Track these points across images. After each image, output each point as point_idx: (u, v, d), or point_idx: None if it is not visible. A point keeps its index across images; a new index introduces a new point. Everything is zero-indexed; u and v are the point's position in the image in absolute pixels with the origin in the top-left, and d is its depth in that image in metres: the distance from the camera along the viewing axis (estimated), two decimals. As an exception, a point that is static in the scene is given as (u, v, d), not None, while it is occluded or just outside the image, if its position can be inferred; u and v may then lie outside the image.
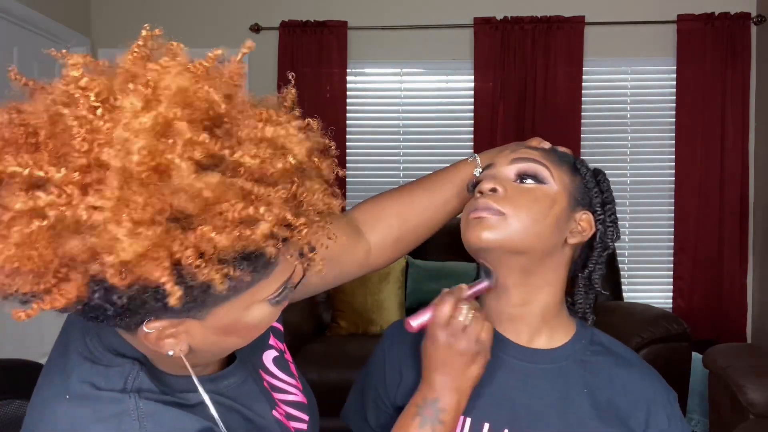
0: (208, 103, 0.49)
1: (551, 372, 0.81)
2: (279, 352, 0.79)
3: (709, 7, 3.52)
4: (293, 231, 0.52)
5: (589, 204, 0.83)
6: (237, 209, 0.47)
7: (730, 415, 2.12)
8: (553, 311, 0.83)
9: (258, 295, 0.57)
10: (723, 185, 3.53)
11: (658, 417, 0.79)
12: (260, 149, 0.50)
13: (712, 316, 3.55)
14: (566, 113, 3.58)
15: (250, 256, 0.51)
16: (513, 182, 0.80)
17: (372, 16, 3.67)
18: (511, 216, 0.76)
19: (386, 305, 3.07)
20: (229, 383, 0.68)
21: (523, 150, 0.83)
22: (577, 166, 0.84)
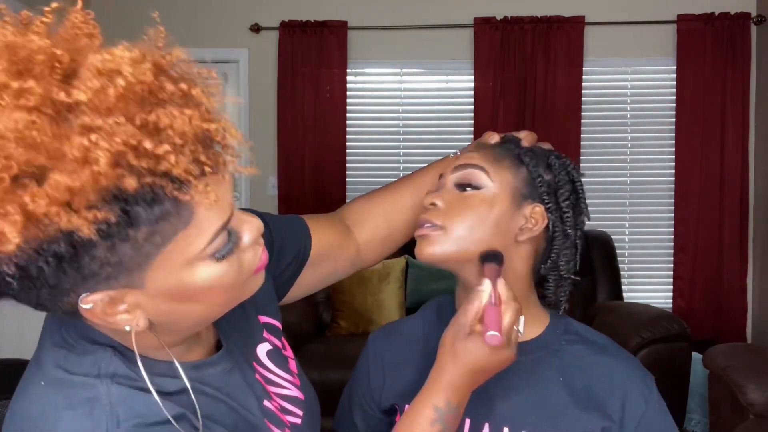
0: (44, 55, 0.48)
1: (526, 364, 0.80)
2: (274, 347, 0.79)
3: (709, 7, 3.52)
4: (158, 160, 0.49)
5: (538, 195, 0.81)
6: (75, 146, 0.46)
7: (730, 415, 2.12)
8: (522, 304, 0.82)
9: (189, 251, 0.55)
10: (723, 185, 3.53)
11: (635, 400, 0.79)
12: (92, 81, 0.48)
13: (712, 316, 3.55)
14: (566, 113, 3.58)
15: (128, 198, 0.49)
16: (455, 191, 0.81)
17: (372, 16, 3.67)
18: (449, 228, 0.78)
19: (386, 305, 3.07)
20: (214, 371, 0.67)
21: (463, 155, 0.84)
22: (522, 158, 0.81)
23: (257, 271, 0.63)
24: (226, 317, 0.69)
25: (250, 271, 0.62)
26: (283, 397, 0.75)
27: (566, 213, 0.82)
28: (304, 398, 0.78)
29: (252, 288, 0.65)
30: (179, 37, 0.59)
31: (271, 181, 3.76)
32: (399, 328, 0.93)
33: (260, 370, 0.74)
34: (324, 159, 3.67)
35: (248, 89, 3.74)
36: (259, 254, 0.63)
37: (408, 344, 0.89)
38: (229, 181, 0.59)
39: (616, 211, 3.71)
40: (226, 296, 0.61)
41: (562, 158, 0.84)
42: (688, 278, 3.58)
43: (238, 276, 0.60)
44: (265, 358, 0.76)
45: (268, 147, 3.75)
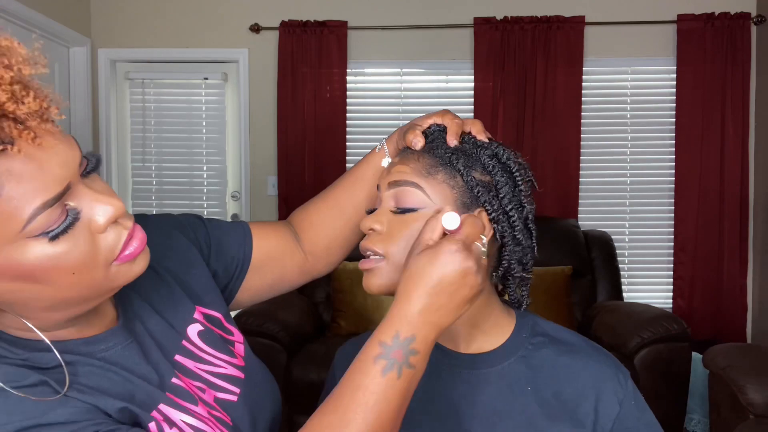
0: None
1: (493, 376, 0.77)
2: (206, 328, 0.79)
3: (709, 7, 3.52)
4: None
5: (479, 202, 0.74)
6: None
7: (730, 415, 2.12)
8: (480, 316, 0.78)
9: (9, 228, 0.54)
10: (723, 185, 3.53)
11: (608, 402, 0.75)
12: None
13: (712, 316, 3.55)
14: (566, 113, 3.58)
15: None
16: (393, 212, 0.75)
17: (372, 16, 3.67)
18: (392, 255, 0.73)
19: (386, 305, 3.07)
20: (106, 347, 0.67)
21: (394, 171, 0.77)
22: (453, 163, 0.74)
23: (128, 257, 0.62)
24: (148, 298, 0.75)
25: (111, 254, 0.61)
26: (215, 375, 0.76)
27: (512, 217, 0.75)
28: (243, 377, 0.78)
29: (126, 274, 0.63)
30: (180, 37, 0.60)
31: (271, 181, 3.76)
32: (364, 341, 0.91)
33: (190, 348, 0.76)
34: (324, 159, 3.67)
35: (248, 89, 3.74)
36: (123, 238, 0.61)
37: None
38: (59, 155, 0.56)
39: (616, 211, 3.71)
40: (77, 279, 0.59)
41: (496, 150, 0.77)
42: (688, 278, 3.58)
43: (88, 258, 0.59)
44: (196, 338, 0.78)
45: (268, 147, 3.75)
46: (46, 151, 0.55)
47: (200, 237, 0.87)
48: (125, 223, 0.62)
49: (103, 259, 0.60)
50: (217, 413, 0.73)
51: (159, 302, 0.77)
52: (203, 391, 0.74)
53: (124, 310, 0.73)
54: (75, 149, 0.59)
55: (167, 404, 0.68)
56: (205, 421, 0.70)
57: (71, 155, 0.58)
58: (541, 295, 2.89)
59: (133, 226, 0.63)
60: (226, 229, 0.90)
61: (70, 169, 0.57)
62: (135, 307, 0.75)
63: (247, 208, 3.78)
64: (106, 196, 0.60)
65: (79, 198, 0.58)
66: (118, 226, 0.62)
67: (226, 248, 0.88)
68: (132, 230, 0.63)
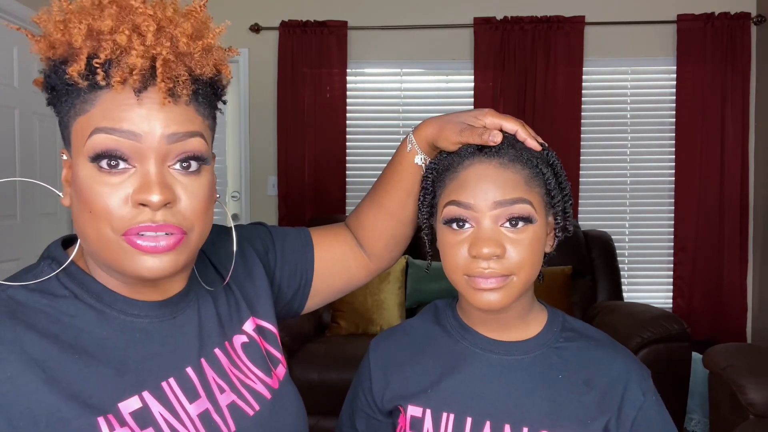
0: None
1: (526, 362, 0.82)
2: (251, 341, 0.81)
3: (709, 7, 3.53)
4: (99, 44, 0.63)
5: (552, 204, 0.81)
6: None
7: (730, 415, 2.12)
8: (528, 308, 0.85)
9: (82, 142, 0.63)
10: (723, 185, 3.53)
11: (633, 392, 0.81)
12: None
13: (712, 316, 3.55)
14: (566, 113, 3.58)
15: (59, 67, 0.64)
16: (500, 231, 0.76)
17: (372, 16, 3.67)
18: (518, 273, 0.77)
19: (386, 305, 3.07)
20: (138, 314, 0.71)
21: (503, 189, 0.76)
22: (543, 172, 0.79)
23: (137, 245, 0.64)
24: (212, 293, 0.79)
25: (121, 223, 0.63)
26: (243, 383, 0.77)
27: (568, 213, 0.82)
28: (270, 398, 0.78)
29: (136, 263, 0.64)
30: None
31: (271, 181, 3.76)
32: (399, 330, 0.93)
33: (229, 349, 0.78)
34: (324, 159, 3.67)
35: (248, 89, 3.74)
36: (137, 221, 0.63)
37: (408, 346, 0.90)
38: (144, 112, 0.63)
39: (616, 211, 3.71)
40: (91, 219, 0.64)
41: (545, 143, 0.82)
42: (688, 278, 3.58)
43: (105, 207, 0.63)
44: (239, 347, 0.80)
45: (268, 147, 3.75)
46: (141, 104, 0.63)
47: (268, 247, 0.91)
48: (155, 215, 0.63)
49: (117, 222, 0.63)
50: (215, 417, 0.72)
51: (219, 300, 0.80)
52: (222, 390, 0.74)
53: (186, 292, 0.76)
54: (171, 124, 0.64)
55: (153, 393, 0.68)
56: (183, 422, 0.69)
57: (158, 123, 0.63)
58: (541, 295, 2.88)
59: (162, 225, 0.64)
60: (291, 238, 0.93)
61: (147, 126, 0.63)
62: (199, 294, 0.78)
63: (247, 208, 3.78)
64: (155, 185, 0.63)
65: (143, 163, 0.64)
66: (146, 211, 0.63)
67: (291, 257, 0.91)
68: (157, 226, 0.63)
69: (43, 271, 0.68)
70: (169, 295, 0.73)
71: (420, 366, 0.86)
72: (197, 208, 0.66)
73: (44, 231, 3.14)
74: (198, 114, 0.67)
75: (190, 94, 0.65)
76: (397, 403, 0.86)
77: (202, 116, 0.68)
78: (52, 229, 3.20)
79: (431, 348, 0.88)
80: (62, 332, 0.65)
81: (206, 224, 0.69)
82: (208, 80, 0.68)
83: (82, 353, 0.65)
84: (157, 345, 0.70)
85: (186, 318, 0.74)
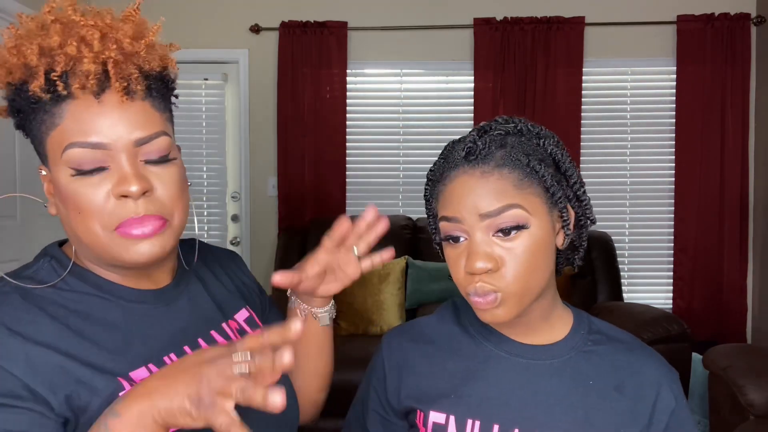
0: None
1: (555, 367, 0.80)
2: (241, 328, 0.87)
3: (709, 8, 3.53)
4: (54, 61, 0.68)
5: (557, 198, 0.76)
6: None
7: (730, 416, 2.12)
8: (550, 309, 0.82)
9: (58, 152, 0.69)
10: (723, 185, 3.53)
11: (666, 397, 0.79)
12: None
13: (712, 317, 3.55)
14: (566, 113, 3.58)
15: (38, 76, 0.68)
16: (492, 241, 0.74)
17: (372, 16, 3.67)
18: (512, 285, 0.73)
19: (386, 306, 3.07)
20: (130, 299, 0.77)
21: (487, 200, 0.73)
22: (536, 170, 0.74)
23: (127, 234, 0.70)
24: (205, 281, 0.87)
25: (111, 219, 0.69)
26: None
27: (583, 201, 0.79)
28: None
29: (128, 250, 0.71)
30: (180, 37, 0.64)
31: (271, 182, 3.76)
32: (414, 327, 0.90)
33: (227, 330, 0.84)
34: (324, 159, 3.67)
35: (248, 89, 3.74)
36: (126, 215, 0.69)
37: (423, 344, 0.86)
38: (111, 119, 0.69)
39: (616, 211, 3.71)
40: (82, 219, 0.70)
41: (547, 133, 0.78)
42: (688, 279, 3.58)
43: (92, 206, 0.69)
44: (235, 331, 0.86)
45: (268, 147, 3.75)
46: (103, 109, 0.69)
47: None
48: (137, 207, 0.70)
49: (107, 218, 0.69)
50: None
51: (212, 287, 0.88)
52: None
53: (177, 282, 0.83)
54: (135, 128, 0.69)
55: (157, 366, 0.73)
56: None
57: (123, 128, 0.69)
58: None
59: (145, 216, 0.70)
60: (275, 316, 0.99)
61: (114, 134, 0.69)
62: (190, 284, 0.85)
63: (247, 209, 3.78)
64: (132, 177, 0.68)
65: (116, 162, 0.69)
66: (129, 202, 0.69)
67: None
68: (142, 217, 0.70)
69: (43, 268, 0.74)
70: (160, 286, 0.80)
71: (439, 367, 0.83)
72: (173, 193, 0.73)
73: (44, 231, 3.14)
74: (155, 109, 0.73)
75: (144, 89, 0.71)
76: (416, 406, 0.83)
77: (159, 111, 0.73)
78: (53, 230, 3.20)
79: (451, 349, 0.84)
80: (70, 315, 0.71)
81: (184, 208, 0.76)
82: (158, 74, 0.74)
83: (90, 332, 0.71)
84: (158, 326, 0.77)
85: (179, 307, 0.81)
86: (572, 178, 0.78)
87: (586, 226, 0.80)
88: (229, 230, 3.83)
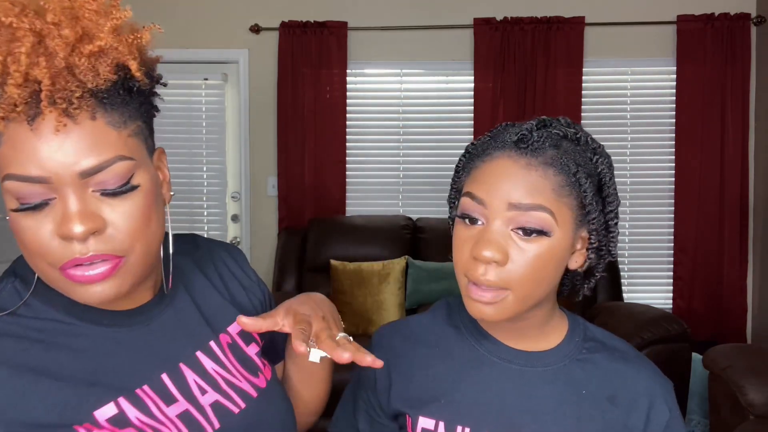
0: None
1: (548, 374, 0.78)
2: (233, 342, 0.79)
3: (709, 8, 3.52)
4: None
5: (588, 218, 0.73)
6: None
7: (730, 416, 2.12)
8: (547, 319, 0.80)
9: (2, 172, 0.59)
10: (723, 185, 3.53)
11: (660, 409, 0.77)
12: None
13: (712, 317, 3.55)
14: (566, 113, 3.52)
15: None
16: (510, 235, 0.70)
17: (372, 16, 3.67)
18: (515, 288, 0.70)
19: (386, 306, 3.07)
20: (111, 322, 0.69)
21: (522, 192, 0.69)
22: (581, 182, 0.70)
23: (74, 277, 0.60)
24: (192, 291, 0.78)
25: (54, 260, 0.60)
26: (228, 382, 0.74)
27: (612, 233, 0.75)
28: (255, 396, 0.76)
29: (83, 296, 0.62)
30: (180, 37, 0.61)
31: (271, 182, 3.76)
32: (406, 326, 0.87)
33: (215, 349, 0.76)
34: (324, 159, 3.67)
35: (248, 89, 3.74)
36: (67, 256, 0.59)
37: (415, 345, 0.84)
38: (45, 149, 0.57)
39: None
40: (28, 255, 0.62)
41: (599, 149, 0.75)
42: (688, 279, 3.58)
43: (35, 245, 0.60)
44: (226, 347, 0.78)
45: (268, 147, 3.75)
46: (39, 137, 0.57)
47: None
48: (85, 247, 0.59)
49: (51, 259, 0.60)
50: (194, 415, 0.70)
51: (204, 299, 0.79)
52: (204, 392, 0.72)
53: (160, 298, 0.74)
54: (80, 157, 0.58)
55: (128, 399, 0.66)
56: (162, 422, 0.67)
57: (65, 158, 0.58)
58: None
59: (94, 257, 0.60)
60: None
61: (53, 167, 0.58)
62: (176, 297, 0.76)
63: (247, 209, 3.78)
64: (75, 217, 0.58)
65: (62, 197, 0.59)
66: (72, 244, 0.59)
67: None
68: (90, 257, 0.60)
69: (5, 289, 0.66)
70: (139, 303, 0.71)
71: (430, 370, 0.81)
72: (131, 228, 0.62)
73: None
74: (112, 127, 0.60)
75: (92, 106, 0.58)
76: (405, 410, 0.81)
77: (117, 127, 0.61)
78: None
79: (443, 351, 0.82)
80: (31, 347, 0.63)
81: (148, 240, 0.64)
82: (116, 84, 0.61)
83: (52, 367, 0.62)
84: (131, 353, 0.68)
85: (161, 324, 0.72)
86: (610, 205, 0.74)
87: (605, 258, 0.77)
88: (229, 230, 3.83)
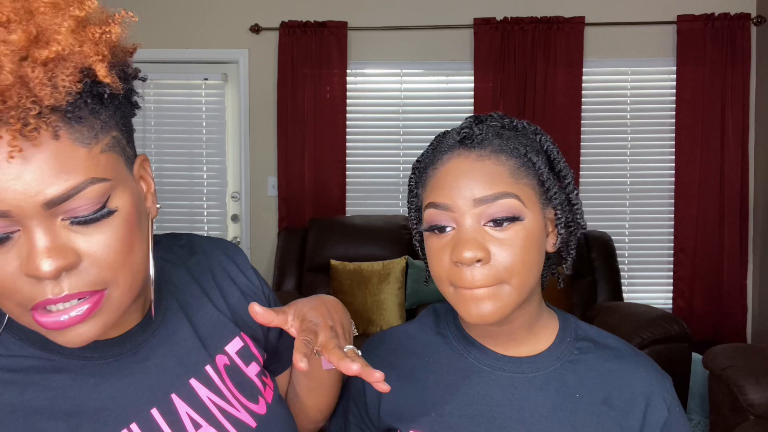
0: None
1: (540, 380, 0.75)
2: (232, 363, 0.72)
3: (709, 8, 3.53)
4: None
5: (549, 196, 0.72)
6: None
7: (730, 416, 2.12)
8: (535, 317, 0.77)
9: None
10: (723, 185, 3.53)
11: (657, 408, 0.75)
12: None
13: (712, 317, 3.55)
14: (566, 113, 3.58)
15: None
16: (484, 231, 0.68)
17: (372, 16, 3.67)
18: (509, 280, 0.68)
19: (386, 306, 3.07)
20: (91, 355, 0.62)
21: (483, 184, 0.68)
22: (533, 161, 0.70)
23: (44, 323, 0.52)
24: (187, 307, 0.70)
25: (24, 301, 0.52)
26: (224, 413, 0.69)
27: (575, 204, 0.74)
28: (255, 426, 0.70)
29: (57, 339, 0.54)
30: (179, 37, 0.60)
31: (271, 182, 3.76)
32: (393, 337, 0.84)
33: (211, 374, 0.70)
34: (324, 159, 3.67)
35: (248, 89, 3.74)
36: (36, 299, 0.51)
37: (403, 357, 0.81)
38: (5, 170, 0.48)
39: (616, 212, 3.71)
40: (8, 290, 0.52)
41: (538, 130, 0.75)
42: (688, 279, 3.58)
43: (2, 284, 0.51)
44: (223, 371, 0.71)
45: (268, 147, 3.75)
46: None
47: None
48: (57, 286, 0.52)
49: (20, 299, 0.52)
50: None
51: (200, 315, 0.72)
52: (198, 426, 0.66)
53: (148, 323, 0.67)
54: (42, 185, 0.49)
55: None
56: None
57: (24, 188, 0.49)
58: (541, 295, 2.89)
59: (69, 296, 0.52)
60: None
61: (13, 198, 0.49)
62: (167, 317, 0.69)
63: (247, 209, 3.78)
64: (42, 253, 0.50)
65: (24, 227, 0.50)
66: (42, 283, 0.51)
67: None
68: (64, 297, 0.52)
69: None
70: (125, 329, 0.64)
71: (419, 383, 0.78)
72: (111, 260, 0.54)
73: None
74: (80, 144, 0.51)
75: (54, 123, 0.49)
76: (396, 424, 0.78)
77: (87, 143, 0.52)
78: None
79: (431, 362, 0.79)
80: (5, 392, 0.56)
81: (133, 270, 0.56)
82: (78, 94, 0.51)
83: (27, 412, 0.56)
84: (115, 389, 0.61)
85: (151, 349, 0.65)
86: (566, 178, 0.74)
87: (575, 233, 0.76)
88: (229, 230, 3.83)
